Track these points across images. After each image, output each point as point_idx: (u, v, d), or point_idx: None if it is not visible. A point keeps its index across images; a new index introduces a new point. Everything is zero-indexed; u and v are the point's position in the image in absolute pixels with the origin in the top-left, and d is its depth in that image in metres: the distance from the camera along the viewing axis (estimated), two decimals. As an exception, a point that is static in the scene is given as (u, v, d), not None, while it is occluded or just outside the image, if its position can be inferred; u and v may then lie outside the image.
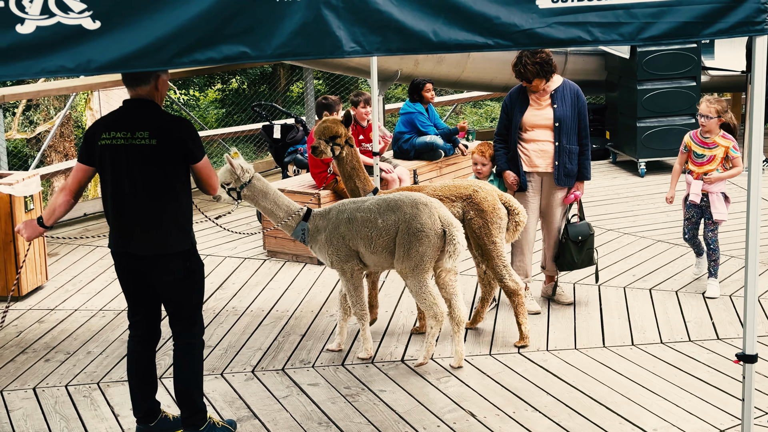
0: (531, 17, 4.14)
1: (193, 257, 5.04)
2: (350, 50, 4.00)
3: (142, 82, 4.87)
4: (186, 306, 5.09)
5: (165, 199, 4.89)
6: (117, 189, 4.90)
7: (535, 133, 6.97)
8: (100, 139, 4.88)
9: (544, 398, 5.77)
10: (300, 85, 20.23)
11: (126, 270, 5.07)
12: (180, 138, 4.83)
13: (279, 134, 10.23)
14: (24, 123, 19.18)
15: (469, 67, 11.50)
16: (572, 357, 6.36)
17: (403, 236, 5.99)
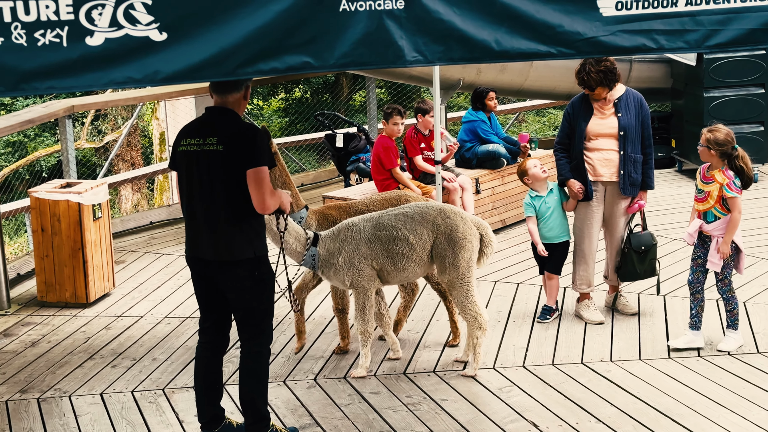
0: (594, 25, 4.12)
1: (262, 266, 5.06)
2: (412, 60, 4.02)
3: (235, 90, 4.93)
4: (254, 314, 5.11)
5: (232, 206, 4.92)
6: (190, 194, 5.00)
7: (600, 142, 6.91)
8: (180, 146, 5.00)
9: (608, 409, 5.71)
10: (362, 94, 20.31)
11: (198, 275, 5.15)
12: (244, 144, 4.85)
13: (341, 143, 10.30)
14: (92, 132, 19.56)
15: (531, 76, 11.44)
16: (637, 368, 6.28)
17: (443, 247, 6.02)
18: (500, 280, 8.18)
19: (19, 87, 3.69)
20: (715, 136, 6.32)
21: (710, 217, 6.31)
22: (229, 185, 4.88)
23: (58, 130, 10.23)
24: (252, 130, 4.92)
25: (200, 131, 4.95)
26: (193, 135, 4.97)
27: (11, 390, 6.32)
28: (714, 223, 6.31)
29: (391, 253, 6.00)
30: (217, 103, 4.98)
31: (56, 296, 7.99)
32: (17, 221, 14.90)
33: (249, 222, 4.98)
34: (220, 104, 4.98)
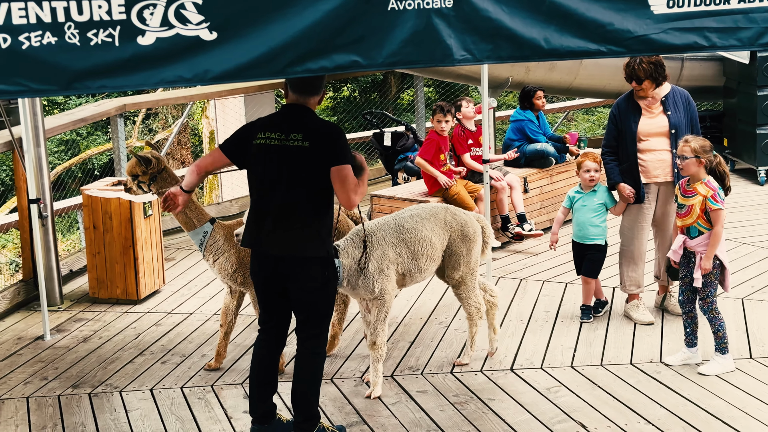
0: (645, 23, 4.08)
1: (331, 266, 5.05)
2: (461, 58, 4.01)
3: (316, 93, 4.99)
4: (317, 314, 5.10)
5: (309, 203, 4.92)
6: (264, 187, 4.97)
7: (651, 143, 6.82)
8: (256, 139, 4.96)
9: (658, 411, 5.65)
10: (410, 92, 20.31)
11: (263, 271, 5.08)
12: (330, 142, 4.87)
13: (389, 142, 10.31)
14: (143, 131, 19.78)
15: (581, 74, 11.36)
16: (687, 369, 6.21)
17: (458, 244, 6.10)
18: (548, 280, 8.14)
19: (72, 86, 3.74)
20: (701, 144, 6.02)
21: (694, 232, 6.06)
22: (312, 182, 4.89)
23: (110, 129, 10.36)
24: (337, 128, 4.96)
25: (282, 126, 4.94)
26: (273, 129, 4.95)
27: (64, 385, 6.42)
28: (698, 239, 6.04)
29: (416, 254, 5.98)
30: (295, 101, 4.98)
31: (107, 293, 8.09)
32: (70, 218, 15.13)
33: (324, 220, 4.98)
34: (299, 103, 4.99)
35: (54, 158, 19.37)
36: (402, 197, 8.78)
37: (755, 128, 11.05)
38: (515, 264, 8.67)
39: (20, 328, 7.60)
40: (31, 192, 7.50)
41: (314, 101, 5.02)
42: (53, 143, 19.69)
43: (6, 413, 6.01)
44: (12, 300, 8.05)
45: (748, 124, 11.20)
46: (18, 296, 8.12)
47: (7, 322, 7.77)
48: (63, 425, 5.82)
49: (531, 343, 6.78)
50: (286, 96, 5.02)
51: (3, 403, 6.17)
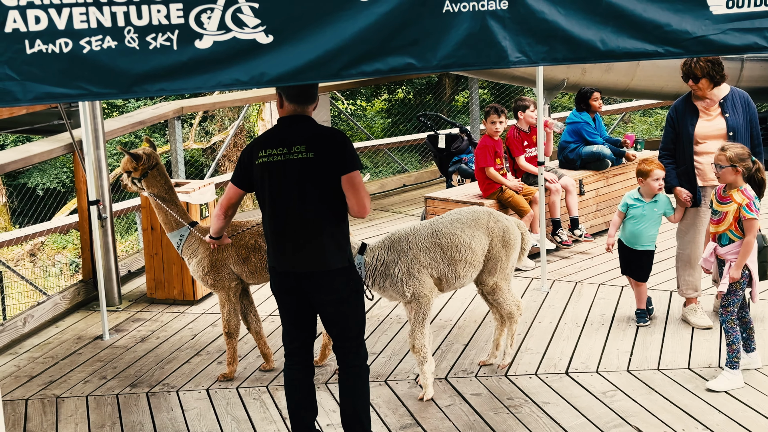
0: (704, 24, 4.03)
1: (354, 275, 4.92)
2: (516, 60, 3.99)
3: (315, 99, 4.86)
4: (351, 327, 4.96)
5: (323, 214, 4.78)
6: (275, 206, 4.81)
7: (708, 145, 6.72)
8: (257, 158, 4.80)
9: (716, 416, 5.57)
10: (465, 94, 20.27)
11: (287, 291, 4.93)
12: (334, 149, 4.72)
13: (444, 144, 10.29)
14: (200, 133, 19.99)
15: (638, 75, 11.24)
16: (746, 375, 6.11)
17: (498, 250, 6.08)
18: (604, 283, 8.07)
19: (132, 89, 3.79)
20: (737, 153, 5.87)
21: (724, 239, 5.93)
22: (322, 192, 4.75)
23: (168, 131, 10.49)
24: (340, 134, 4.81)
25: (282, 140, 4.77)
26: (274, 145, 4.78)
27: (122, 384, 6.51)
28: (728, 247, 5.91)
29: (453, 260, 5.94)
30: (292, 112, 4.83)
31: (165, 293, 8.19)
32: (128, 220, 15.35)
33: (340, 229, 4.84)
34: (297, 113, 4.83)
35: (113, 160, 19.65)
36: (456, 199, 8.77)
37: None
38: (570, 267, 8.61)
39: (80, 328, 7.73)
40: (90, 194, 7.63)
41: (312, 109, 4.86)
42: (112, 146, 19.98)
43: (66, 411, 6.12)
44: (72, 300, 8.19)
45: (810, 126, 10.99)
46: (78, 296, 8.26)
47: (67, 321, 7.91)
48: (121, 424, 5.90)
49: (586, 347, 6.73)
50: (281, 106, 4.85)
51: (63, 401, 6.28)
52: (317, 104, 4.91)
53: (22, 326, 7.58)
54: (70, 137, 7.90)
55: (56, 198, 18.18)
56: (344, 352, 5.00)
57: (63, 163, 19.99)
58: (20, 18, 3.64)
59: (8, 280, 12.81)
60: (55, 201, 17.96)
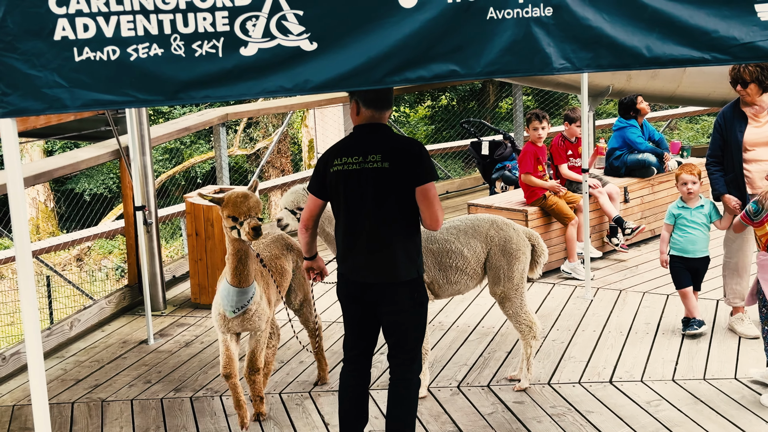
0: (752, 30, 3.98)
1: (421, 288, 4.86)
2: (560, 67, 3.97)
3: (388, 106, 4.79)
4: (408, 338, 4.87)
5: (396, 225, 4.73)
6: (349, 215, 4.77)
7: (757, 153, 6.64)
8: (333, 166, 4.76)
9: (763, 428, 5.49)
10: (509, 101, 20.21)
11: (354, 299, 4.89)
12: (410, 160, 4.65)
13: (487, 150, 10.27)
14: (244, 140, 20.13)
15: (684, 82, 11.13)
16: (794, 385, 6.03)
17: (497, 259, 6.00)
18: (649, 291, 7.99)
19: (177, 96, 3.83)
20: None
21: None
22: (397, 203, 4.69)
23: (212, 138, 10.59)
24: (417, 145, 4.72)
25: (358, 149, 4.73)
26: (350, 153, 4.73)
27: (166, 388, 6.57)
28: None
29: (444, 266, 5.91)
30: (370, 119, 4.77)
31: (209, 299, 8.24)
32: (173, 225, 15.49)
33: (413, 240, 4.78)
34: (373, 121, 4.80)
35: (158, 166, 19.86)
36: (499, 206, 8.74)
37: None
38: (614, 275, 8.54)
39: (125, 332, 7.81)
40: (136, 199, 7.71)
41: (388, 116, 4.82)
42: (158, 152, 20.20)
43: (111, 415, 6.18)
44: (118, 305, 8.27)
45: None
46: (123, 301, 8.34)
47: (113, 326, 8.00)
48: (165, 428, 5.95)
49: (631, 356, 6.67)
50: (357, 113, 4.79)
51: (108, 404, 6.35)
52: (392, 111, 4.89)
53: (69, 330, 7.68)
54: (116, 143, 8.00)
55: (103, 203, 18.42)
56: (398, 362, 4.93)
57: (110, 169, 20.23)
58: (69, 26, 3.70)
59: (55, 285, 12.99)
60: (102, 206, 18.19)
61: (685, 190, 6.85)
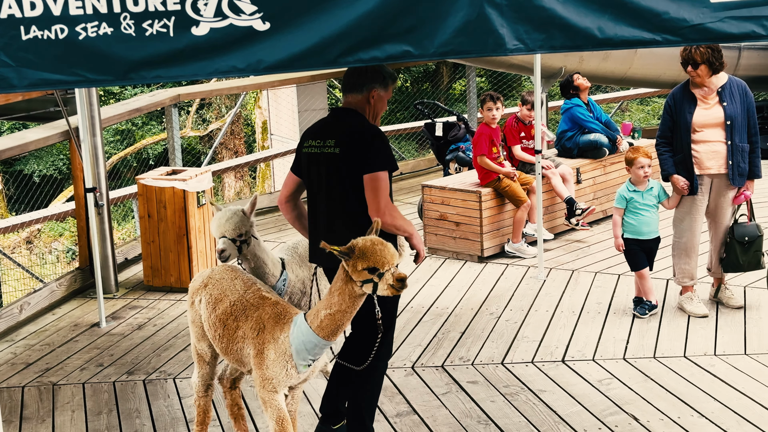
0: (702, 12, 4.01)
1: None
2: (513, 48, 3.97)
3: (355, 90, 4.78)
4: (370, 325, 4.70)
5: (345, 211, 4.72)
6: (311, 197, 4.84)
7: (706, 134, 6.73)
8: (303, 147, 4.85)
9: (711, 404, 5.59)
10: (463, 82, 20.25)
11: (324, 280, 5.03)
12: (360, 146, 4.62)
13: (441, 132, 10.28)
14: (197, 121, 19.97)
15: (636, 64, 11.23)
16: (741, 362, 6.13)
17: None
18: (600, 271, 8.08)
19: (128, 76, 3.78)
20: None
21: None
22: (347, 190, 4.68)
23: (165, 119, 10.48)
24: (371, 133, 4.67)
25: (321, 133, 4.78)
26: (315, 137, 4.79)
27: (119, 371, 6.52)
28: None
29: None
30: (345, 104, 4.82)
31: (162, 281, 8.20)
32: (125, 207, 15.35)
33: (360, 229, 4.64)
34: (345, 105, 4.82)
35: (110, 148, 19.64)
36: (453, 188, 8.77)
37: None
38: (567, 256, 8.62)
39: (76, 315, 7.74)
40: (87, 181, 7.62)
41: (357, 101, 4.78)
42: (109, 133, 19.97)
43: (62, 399, 6.13)
44: (69, 287, 8.19)
45: (807, 115, 11.00)
46: (74, 284, 8.26)
47: (63, 309, 7.92)
48: (118, 411, 5.91)
49: (583, 335, 6.74)
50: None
51: (60, 388, 6.29)
52: (369, 99, 4.80)
53: (19, 314, 7.58)
54: (66, 124, 7.89)
55: (53, 185, 18.17)
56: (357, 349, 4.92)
57: (59, 150, 19.97)
58: (15, 4, 3.63)
59: (5, 268, 12.81)
60: (52, 188, 17.95)
61: (641, 173, 6.90)
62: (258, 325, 4.60)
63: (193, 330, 5.07)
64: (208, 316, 4.84)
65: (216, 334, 4.80)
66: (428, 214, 8.89)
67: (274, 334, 4.53)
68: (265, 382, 4.55)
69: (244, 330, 4.65)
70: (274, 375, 4.52)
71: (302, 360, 4.52)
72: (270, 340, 4.53)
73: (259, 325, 4.60)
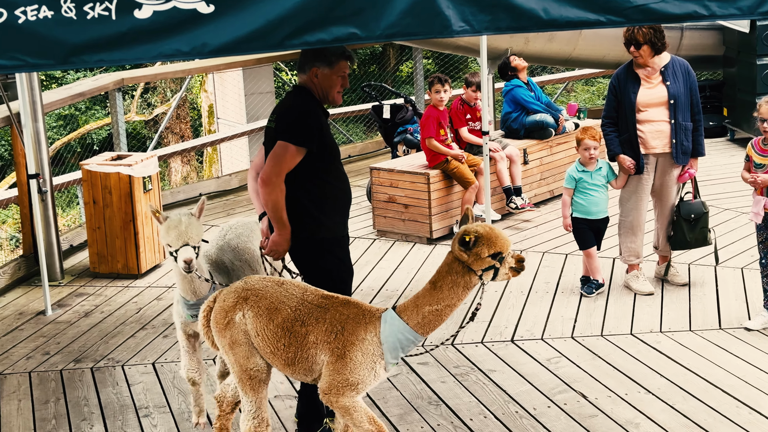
0: (645, -8, 4.04)
1: (314, 249, 4.86)
2: (459, 29, 3.98)
3: (300, 70, 4.93)
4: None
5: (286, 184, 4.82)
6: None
7: (650, 113, 6.81)
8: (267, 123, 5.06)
9: (658, 380, 5.68)
10: (409, 65, 20.24)
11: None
12: (279, 118, 4.83)
13: (388, 114, 10.27)
14: (142, 105, 19.74)
15: (580, 45, 11.31)
16: (687, 339, 6.24)
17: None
18: (548, 251, 8.15)
19: (69, 60, 3.72)
20: None
21: None
22: None
23: (109, 103, 10.34)
24: (297, 108, 4.82)
25: (274, 109, 5.02)
26: (272, 113, 5.02)
27: (66, 360, 6.44)
28: None
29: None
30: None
31: (108, 267, 8.11)
32: (70, 193, 15.13)
33: (299, 200, 4.81)
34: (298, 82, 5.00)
35: (53, 133, 19.32)
36: (402, 170, 8.78)
37: (755, 97, 10.99)
38: (515, 236, 8.68)
39: (21, 303, 7.63)
40: (30, 167, 7.50)
41: (302, 80, 4.91)
42: (52, 118, 19.65)
43: (8, 388, 6.04)
44: (13, 275, 8.06)
45: (748, 93, 11.17)
46: (19, 271, 8.13)
47: (8, 297, 7.80)
48: (66, 399, 5.84)
49: (531, 315, 6.80)
50: None
51: (5, 378, 6.20)
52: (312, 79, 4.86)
53: (-38, 303, 7.45)
54: (7, 110, 7.75)
55: (-6, 172, 17.85)
56: None
57: (0, 136, 19.60)
58: (-48, -13, 3.55)
59: (-53, 256, 12.58)
60: (-6, 175, 17.63)
61: (587, 155, 6.97)
62: (334, 328, 4.30)
63: (238, 351, 4.48)
64: (263, 328, 4.40)
65: (279, 344, 4.37)
66: (377, 197, 8.89)
67: (357, 335, 4.27)
68: (345, 388, 4.27)
69: (316, 335, 4.31)
70: (360, 378, 4.28)
71: (394, 359, 4.33)
72: (354, 342, 4.27)
73: (335, 327, 4.30)
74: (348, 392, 4.28)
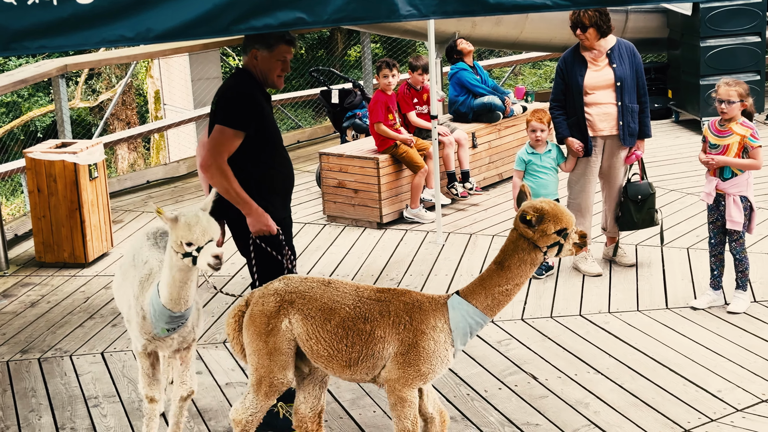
0: (590, -24, 4.07)
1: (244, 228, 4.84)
2: (407, 14, 3.97)
3: (243, 52, 4.95)
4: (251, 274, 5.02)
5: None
6: None
7: (597, 96, 6.86)
8: None
9: (606, 360, 5.75)
10: (357, 49, 20.20)
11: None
12: (219, 101, 4.83)
13: (337, 99, 10.24)
14: (86, 92, 19.47)
15: (527, 28, 11.37)
16: (634, 319, 6.32)
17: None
18: (498, 234, 8.19)
19: (10, 47, 3.65)
20: (745, 88, 6.17)
21: (727, 173, 6.20)
22: None
23: (52, 90, 10.18)
24: (233, 89, 4.83)
25: None
26: None
27: (12, 350, 6.35)
28: (731, 180, 6.19)
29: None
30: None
31: (54, 256, 8.00)
32: (13, 182, 14.90)
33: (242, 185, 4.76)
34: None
35: (-4, 121, 19.00)
36: (351, 155, 8.76)
37: (699, 79, 11.16)
38: (465, 219, 8.72)
39: (-34, 295, 7.50)
40: (-28, 156, 7.36)
41: (246, 61, 4.92)
42: (-6, 105, 19.31)
43: (-46, 381, 5.95)
44: (-44, 266, 7.92)
45: (692, 76, 11.31)
46: (-38, 262, 8.00)
47: (-48, 288, 7.67)
48: (13, 391, 5.76)
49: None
50: None
51: (-50, 370, 6.10)
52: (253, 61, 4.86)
53: None
54: (-53, 98, 7.60)
55: (-65, 161, 17.51)
56: None
57: (-59, 124, 19.23)
58: None
59: None
60: (-65, 164, 17.29)
61: (534, 137, 7.01)
62: (401, 319, 4.20)
63: (276, 359, 4.28)
64: (317, 330, 4.23)
65: (340, 346, 4.21)
66: (326, 182, 8.87)
67: (428, 324, 4.20)
68: (415, 379, 4.20)
69: (383, 329, 4.19)
70: (431, 368, 4.21)
71: (463, 344, 4.31)
72: (425, 331, 4.19)
73: (402, 318, 4.20)
74: (417, 382, 4.21)
